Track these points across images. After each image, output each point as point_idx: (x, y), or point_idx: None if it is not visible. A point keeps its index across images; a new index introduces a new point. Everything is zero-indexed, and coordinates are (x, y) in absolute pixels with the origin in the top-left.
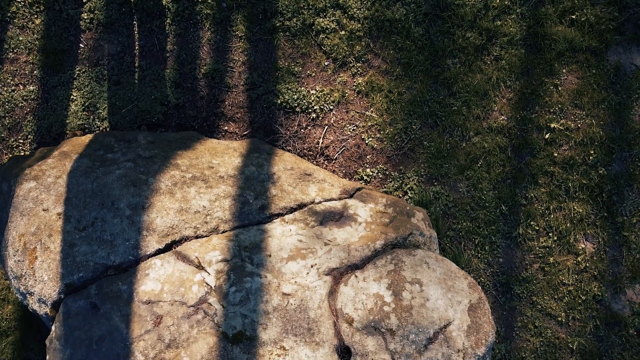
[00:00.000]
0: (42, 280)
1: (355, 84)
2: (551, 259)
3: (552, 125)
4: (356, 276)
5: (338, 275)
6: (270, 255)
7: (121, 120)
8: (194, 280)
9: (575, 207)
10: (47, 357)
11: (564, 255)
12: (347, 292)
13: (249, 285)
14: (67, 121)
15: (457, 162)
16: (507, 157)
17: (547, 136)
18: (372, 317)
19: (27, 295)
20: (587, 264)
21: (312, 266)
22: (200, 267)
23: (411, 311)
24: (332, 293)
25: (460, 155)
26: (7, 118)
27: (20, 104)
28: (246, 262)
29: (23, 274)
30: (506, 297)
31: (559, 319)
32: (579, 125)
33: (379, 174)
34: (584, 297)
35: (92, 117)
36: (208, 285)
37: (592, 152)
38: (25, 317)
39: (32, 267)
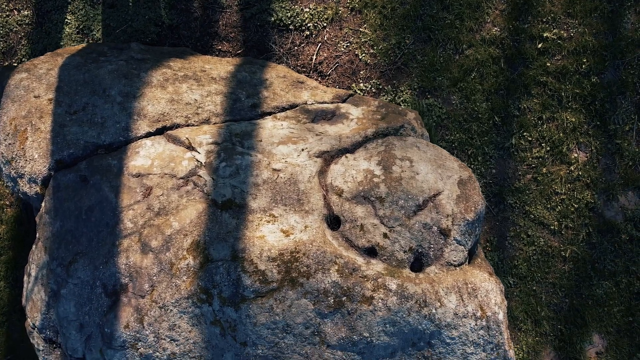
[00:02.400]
0: (32, 159)
1: (348, 0)
2: (544, 169)
3: (545, 35)
4: (347, 157)
5: (329, 158)
6: (261, 141)
7: (115, 41)
8: (184, 157)
9: (568, 117)
10: (37, 234)
11: (557, 165)
12: (337, 169)
13: (239, 162)
14: (62, 44)
15: (450, 75)
16: (500, 69)
17: (539, 46)
18: (361, 188)
19: (18, 179)
20: (580, 173)
21: (302, 149)
22: (190, 147)
23: (401, 181)
24: (322, 173)
25: (453, 68)
26: (1, 43)
27: (15, 29)
28: (237, 145)
29: (14, 156)
30: (499, 208)
31: (552, 227)
32: (572, 34)
33: (373, 88)
34: (576, 206)
35: (86, 39)
36: (198, 161)
37: (584, 60)
38: (19, 237)
39: (23, 148)
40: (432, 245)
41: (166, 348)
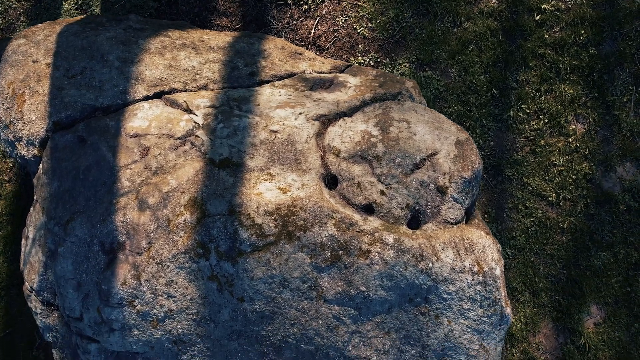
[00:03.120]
0: (30, 121)
1: None
2: (542, 141)
3: (543, 7)
4: (344, 120)
5: (326, 121)
6: (258, 105)
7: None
8: (181, 119)
9: (566, 89)
10: (35, 196)
11: (555, 137)
12: (334, 131)
13: (237, 124)
14: (60, 20)
15: (448, 48)
16: (498, 41)
17: (537, 18)
18: (358, 148)
19: (16, 142)
20: (578, 144)
21: (300, 113)
22: (188, 110)
23: (398, 141)
24: (320, 135)
25: (451, 41)
26: (0, 19)
27: (14, 5)
28: (234, 109)
29: (12, 120)
30: (497, 180)
31: (550, 199)
32: (570, 6)
33: (371, 61)
34: (574, 177)
35: (85, 15)
36: (196, 122)
37: (582, 32)
38: (17, 212)
39: (21, 111)
40: (429, 203)
41: (163, 305)
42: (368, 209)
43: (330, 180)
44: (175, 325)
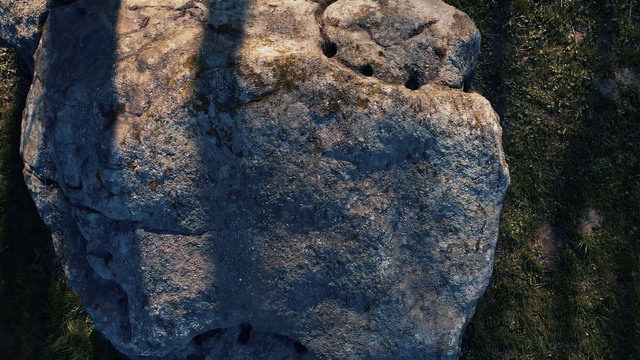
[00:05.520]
0: None
1: None
2: (541, 50)
3: None
4: None
5: (324, 2)
6: None
7: None
8: None
9: None
10: (35, 73)
11: (554, 46)
12: (333, 5)
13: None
14: None
15: None
16: None
17: None
18: (357, 18)
19: (16, 25)
20: (576, 52)
21: None
22: None
23: (397, 10)
24: (319, 13)
25: None
26: None
27: None
28: None
29: (12, 1)
30: (496, 90)
31: (549, 106)
32: None
33: None
34: (573, 84)
35: None
36: None
37: None
38: (18, 130)
39: None
40: (427, 64)
41: (162, 163)
42: (366, 70)
43: (329, 50)
44: (174, 185)
